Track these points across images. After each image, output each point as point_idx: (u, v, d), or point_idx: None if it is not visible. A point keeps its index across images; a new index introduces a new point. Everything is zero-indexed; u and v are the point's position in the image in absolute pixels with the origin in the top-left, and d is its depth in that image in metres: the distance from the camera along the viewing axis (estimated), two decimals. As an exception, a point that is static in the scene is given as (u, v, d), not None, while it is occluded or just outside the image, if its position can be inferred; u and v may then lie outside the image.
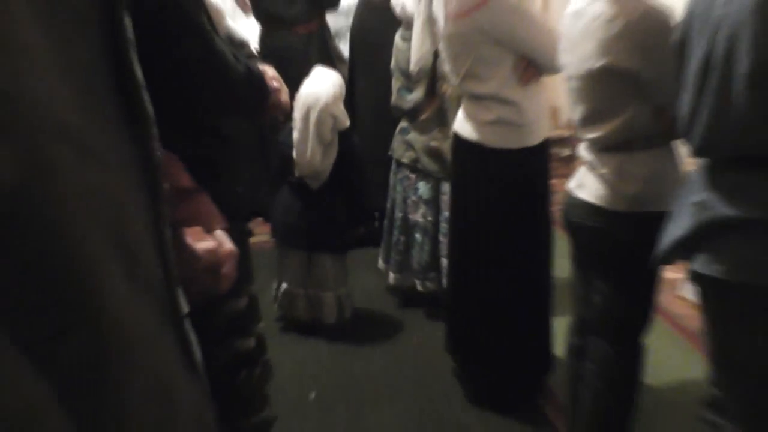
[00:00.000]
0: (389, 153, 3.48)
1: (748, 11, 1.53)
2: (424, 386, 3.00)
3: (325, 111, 3.02)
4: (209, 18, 1.88)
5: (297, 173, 3.21)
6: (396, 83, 3.35)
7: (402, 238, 3.47)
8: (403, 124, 3.39)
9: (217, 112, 2.05)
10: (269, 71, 2.14)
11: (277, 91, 2.12)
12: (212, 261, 1.36)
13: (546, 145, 2.66)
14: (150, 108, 0.80)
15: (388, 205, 3.56)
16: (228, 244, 1.41)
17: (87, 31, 0.71)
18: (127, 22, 0.77)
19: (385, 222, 3.61)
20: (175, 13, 1.75)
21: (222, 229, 1.48)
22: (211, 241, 1.39)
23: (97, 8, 0.73)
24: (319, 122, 3.07)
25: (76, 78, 0.68)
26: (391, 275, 3.57)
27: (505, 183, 2.60)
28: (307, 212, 3.33)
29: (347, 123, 3.16)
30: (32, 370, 0.61)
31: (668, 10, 1.90)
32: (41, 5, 0.64)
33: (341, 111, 3.15)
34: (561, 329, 2.57)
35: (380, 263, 3.66)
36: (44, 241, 0.63)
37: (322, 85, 3.07)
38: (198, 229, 1.39)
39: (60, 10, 0.67)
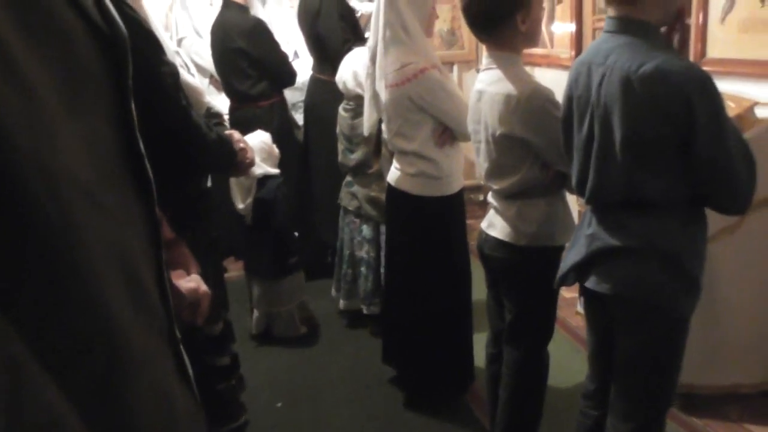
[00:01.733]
0: (338, 201, 3.50)
1: (616, 94, 1.60)
2: (372, 390, 3.01)
3: None
4: (186, 97, 1.91)
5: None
6: (341, 146, 3.37)
7: (350, 271, 3.48)
8: (348, 178, 3.41)
9: (196, 171, 2.08)
10: (235, 135, 2.18)
11: (242, 150, 2.15)
12: (194, 298, 1.37)
13: (461, 193, 2.67)
14: (151, 174, 0.81)
15: (338, 244, 3.56)
16: (204, 286, 1.42)
17: (102, 112, 0.73)
18: (132, 104, 0.79)
19: (336, 258, 3.61)
20: (162, 96, 1.78)
21: (197, 272, 1.49)
22: (193, 282, 1.41)
23: (111, 94, 0.74)
24: None
25: (94, 150, 0.69)
26: (342, 301, 3.57)
27: (428, 224, 2.61)
28: (246, 244, 3.38)
29: (258, 172, 3.14)
30: (55, 386, 0.61)
31: (551, 90, 1.96)
32: (68, 94, 0.65)
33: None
34: (480, 342, 2.60)
35: (333, 292, 3.66)
36: (68, 280, 0.64)
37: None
38: (181, 272, 1.40)
39: (85, 105, 0.69)
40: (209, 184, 2.19)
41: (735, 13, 2.76)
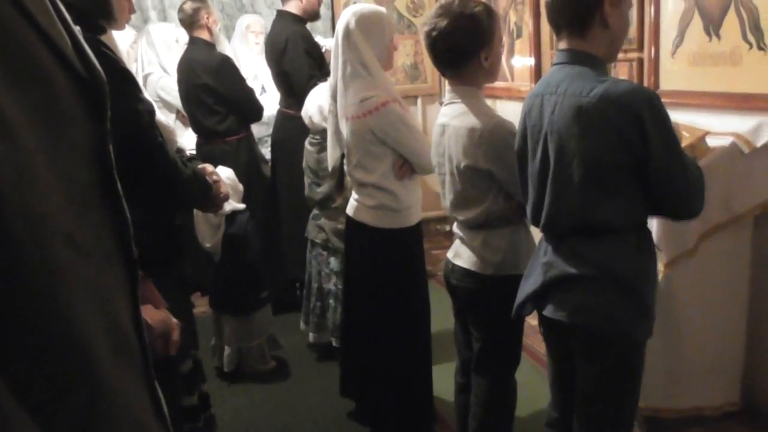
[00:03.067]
0: (305, 234, 3.50)
1: (570, 120, 1.65)
2: (342, 424, 2.99)
3: None
4: (161, 134, 1.93)
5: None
6: (307, 179, 3.38)
7: (318, 304, 3.46)
8: (315, 211, 3.42)
9: (172, 207, 2.07)
10: (208, 168, 2.18)
11: (216, 183, 2.16)
12: (164, 329, 1.38)
13: (419, 226, 2.67)
14: (128, 214, 0.82)
15: (306, 278, 3.55)
16: (173, 318, 1.43)
17: (81, 154, 0.73)
18: (110, 146, 0.79)
19: (304, 291, 3.60)
20: (139, 133, 1.79)
21: (164, 308, 1.50)
22: (162, 314, 1.41)
23: (89, 137, 0.75)
24: None
25: (73, 193, 0.70)
26: (311, 335, 3.55)
27: (387, 256, 2.61)
28: (214, 280, 3.36)
29: (227, 208, 3.13)
30: (36, 428, 0.62)
31: (512, 123, 2.01)
32: (48, 137, 0.67)
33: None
34: (448, 371, 2.60)
35: (301, 325, 3.63)
36: (49, 322, 0.64)
37: None
38: (149, 306, 1.41)
39: (65, 149, 0.70)
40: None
41: (685, 46, 2.87)
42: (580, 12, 1.71)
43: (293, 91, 3.83)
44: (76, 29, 0.76)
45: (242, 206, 3.28)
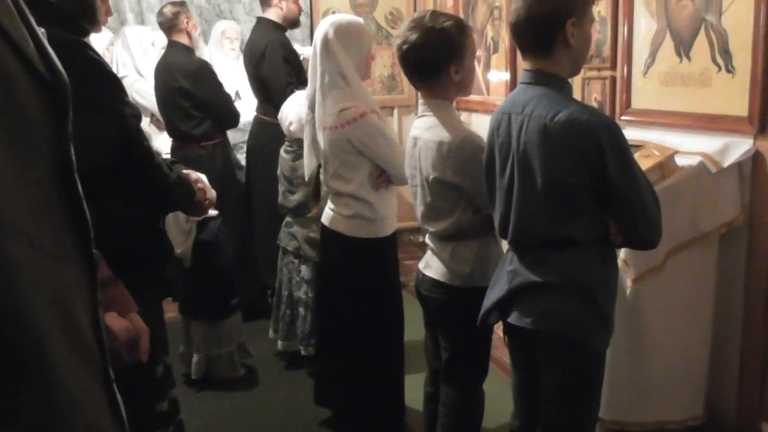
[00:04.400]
0: (277, 242, 3.49)
1: (535, 141, 1.71)
2: (309, 430, 2.99)
3: None
4: (147, 138, 1.92)
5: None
6: (281, 187, 3.38)
7: (288, 312, 3.45)
8: (288, 219, 3.41)
9: (157, 211, 2.06)
10: (193, 175, 2.17)
11: (201, 190, 2.15)
12: (128, 338, 1.36)
13: (394, 236, 2.69)
14: (88, 216, 0.82)
15: (276, 285, 3.53)
16: (141, 324, 1.41)
17: (42, 155, 0.74)
18: (71, 149, 0.80)
19: (274, 299, 3.58)
20: (125, 137, 1.78)
21: (135, 311, 1.48)
22: (126, 322, 1.40)
23: (50, 138, 0.76)
24: (174, 215, 3.08)
25: (32, 193, 0.71)
26: (280, 342, 3.53)
27: (362, 266, 2.62)
28: (184, 287, 3.33)
29: (199, 216, 3.14)
30: None
31: (481, 138, 2.04)
32: (7, 138, 0.67)
33: None
34: (419, 380, 2.61)
35: (270, 333, 3.61)
36: (1, 322, 0.65)
37: None
38: (113, 314, 1.39)
39: (25, 149, 0.71)
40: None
41: (656, 67, 2.92)
42: (543, 34, 1.76)
43: (270, 98, 3.84)
44: (40, 31, 0.76)
45: (214, 213, 3.26)
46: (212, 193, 2.22)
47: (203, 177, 3.10)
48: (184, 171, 2.15)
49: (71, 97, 0.78)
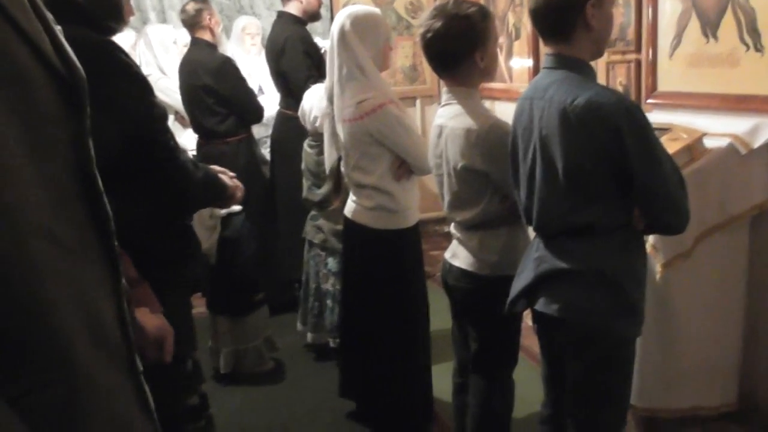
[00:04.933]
0: (303, 235, 3.50)
1: (555, 126, 1.69)
2: (340, 425, 2.99)
3: None
4: (173, 138, 1.92)
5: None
6: (306, 182, 3.38)
7: (316, 304, 3.46)
8: (313, 212, 3.42)
9: (182, 209, 2.07)
10: (216, 169, 2.17)
11: (232, 180, 2.16)
12: (159, 336, 1.38)
13: (417, 226, 2.68)
14: (109, 211, 0.83)
15: (304, 278, 3.54)
16: (167, 325, 1.42)
17: (61, 152, 0.75)
18: (90, 143, 0.80)
19: (302, 291, 3.59)
20: (150, 138, 1.79)
21: (160, 312, 1.49)
22: (158, 320, 1.41)
23: (69, 134, 0.77)
24: (198, 212, 3.11)
25: (52, 189, 0.72)
26: (309, 335, 3.54)
27: (385, 258, 2.61)
28: (210, 282, 3.34)
29: (222, 211, 3.15)
30: (18, 419, 0.63)
31: (508, 124, 2.01)
32: (27, 134, 0.68)
33: None
34: (447, 371, 2.61)
35: (298, 326, 3.62)
36: (26, 313, 0.65)
37: None
38: (145, 309, 1.41)
39: (44, 145, 0.71)
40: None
41: (682, 48, 2.87)
42: (562, 19, 1.74)
43: (291, 92, 3.84)
44: (57, 28, 0.77)
45: (238, 208, 3.27)
46: (241, 185, 2.22)
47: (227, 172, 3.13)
48: (216, 168, 2.16)
49: (89, 94, 0.79)
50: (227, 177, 2.14)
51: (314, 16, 4.07)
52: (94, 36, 1.71)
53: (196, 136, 4.04)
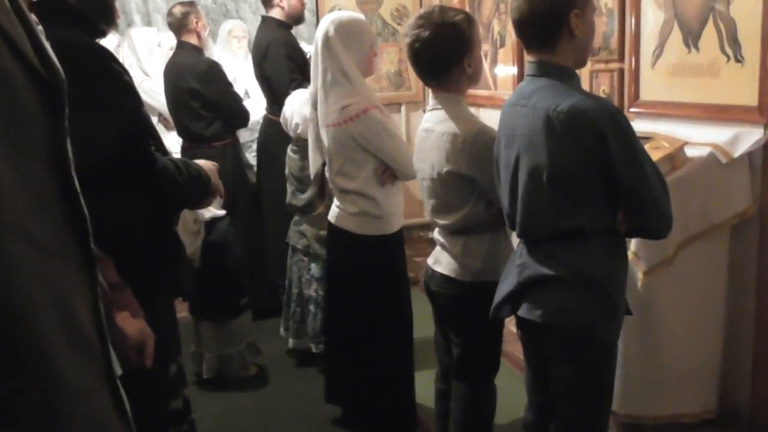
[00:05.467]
0: (286, 240, 3.48)
1: (540, 133, 1.70)
2: (323, 429, 2.99)
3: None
4: (156, 139, 1.90)
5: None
6: (290, 187, 3.37)
7: (298, 310, 3.44)
8: (296, 217, 3.41)
9: (165, 211, 2.05)
10: (208, 164, 2.15)
11: (216, 183, 2.14)
12: (140, 340, 1.36)
13: (401, 232, 2.68)
14: (86, 212, 0.82)
15: (287, 283, 3.52)
16: (148, 330, 1.41)
17: (39, 152, 0.74)
18: (68, 146, 0.80)
19: (284, 297, 3.57)
20: (136, 147, 1.76)
21: (141, 317, 1.48)
22: (139, 324, 1.40)
23: (48, 135, 0.76)
24: (182, 216, 3.09)
25: (31, 190, 0.71)
26: (291, 340, 3.52)
27: (369, 263, 2.61)
28: (194, 287, 3.31)
29: (207, 216, 3.15)
30: None
31: (494, 130, 2.01)
32: (4, 139, 0.67)
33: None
34: (430, 377, 2.61)
35: (281, 331, 3.60)
36: (1, 318, 0.65)
37: None
38: (127, 314, 1.39)
39: (22, 146, 0.70)
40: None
41: (664, 58, 2.90)
42: (547, 27, 1.76)
43: (275, 97, 3.84)
44: (39, 29, 0.76)
45: (222, 212, 3.27)
46: (221, 187, 2.20)
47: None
48: (200, 162, 2.12)
49: (68, 94, 0.78)
50: (210, 167, 2.11)
51: (298, 18, 4.07)
52: (84, 39, 1.70)
53: (179, 139, 4.02)
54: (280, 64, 3.80)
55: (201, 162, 2.09)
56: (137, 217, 1.78)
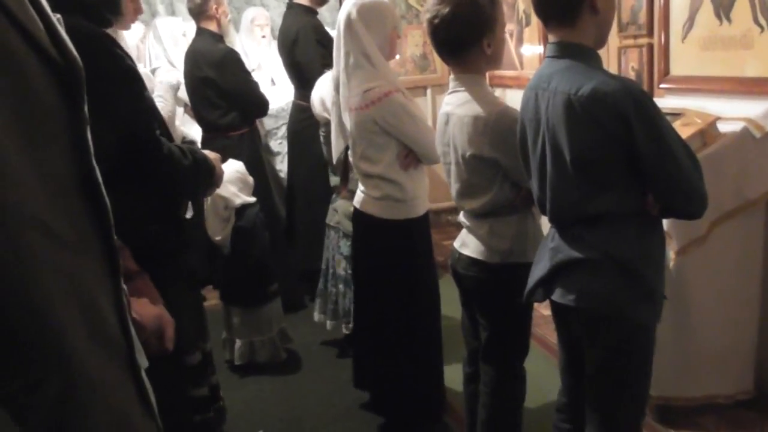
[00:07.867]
0: (326, 221, 3.40)
1: (561, 116, 1.66)
2: (353, 415, 2.99)
3: (215, 194, 2.91)
4: (162, 125, 1.90)
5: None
6: (330, 169, 3.36)
7: (333, 290, 3.38)
8: (334, 195, 3.36)
9: (175, 199, 2.06)
10: (211, 155, 2.16)
11: (220, 169, 2.14)
12: (158, 326, 1.37)
13: (426, 216, 2.65)
14: (107, 203, 0.81)
15: (323, 266, 3.45)
16: (167, 316, 1.41)
17: (58, 141, 0.74)
18: (88, 135, 0.79)
19: (321, 279, 3.48)
20: (137, 137, 1.77)
21: (161, 304, 1.48)
22: (157, 309, 1.40)
23: (66, 124, 0.75)
24: (213, 203, 3.10)
25: (50, 183, 0.70)
26: (328, 322, 3.42)
27: (395, 248, 2.59)
28: (224, 274, 3.35)
29: (237, 202, 3.17)
30: (8, 420, 0.62)
31: (517, 111, 1.97)
32: (20, 125, 0.67)
33: (231, 193, 3.16)
34: (458, 360, 2.59)
35: (315, 316, 3.49)
36: (19, 310, 0.64)
37: None
38: (145, 300, 1.40)
39: (39, 136, 0.70)
40: (189, 215, 2.17)
41: (695, 31, 2.83)
42: (567, 2, 1.70)
43: (306, 83, 3.81)
44: (56, 17, 0.75)
45: (252, 199, 3.28)
46: (222, 171, 2.20)
47: (238, 164, 3.13)
48: (206, 152, 2.13)
49: (84, 81, 0.77)
50: (213, 156, 2.12)
51: (323, 2, 4.04)
52: (87, 26, 1.69)
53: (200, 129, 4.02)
54: (311, 50, 3.76)
55: (204, 152, 2.10)
56: (143, 206, 1.78)
